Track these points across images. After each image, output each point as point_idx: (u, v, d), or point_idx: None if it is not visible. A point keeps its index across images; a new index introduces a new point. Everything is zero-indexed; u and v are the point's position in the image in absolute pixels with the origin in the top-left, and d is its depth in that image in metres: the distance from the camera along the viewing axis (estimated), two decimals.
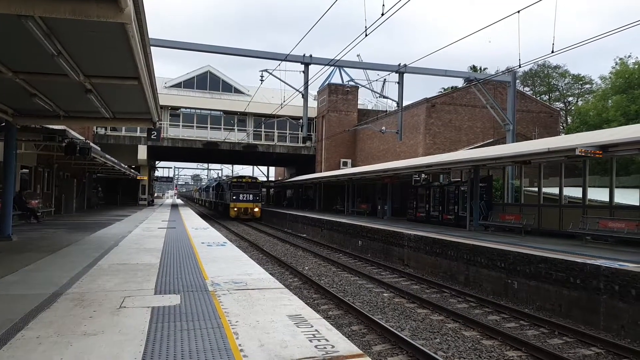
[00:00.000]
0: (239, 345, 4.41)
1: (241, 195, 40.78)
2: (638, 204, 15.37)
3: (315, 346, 4.41)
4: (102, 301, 5.99)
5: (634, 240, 13.20)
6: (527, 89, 58.67)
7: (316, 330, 4.93)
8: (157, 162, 64.83)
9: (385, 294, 12.03)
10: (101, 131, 38.97)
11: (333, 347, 4.40)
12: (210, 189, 65.13)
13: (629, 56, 42.19)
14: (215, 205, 56.09)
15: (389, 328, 8.56)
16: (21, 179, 20.57)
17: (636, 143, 12.26)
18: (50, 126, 15.06)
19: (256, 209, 41.43)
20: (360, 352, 4.41)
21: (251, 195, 41.10)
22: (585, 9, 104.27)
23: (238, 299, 6.29)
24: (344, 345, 4.49)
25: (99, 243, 12.44)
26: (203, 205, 78.29)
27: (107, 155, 25.12)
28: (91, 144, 19.36)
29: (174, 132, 43.53)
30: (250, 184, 41.89)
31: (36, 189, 22.52)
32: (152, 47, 8.01)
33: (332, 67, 33.65)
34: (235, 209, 40.54)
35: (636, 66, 36.55)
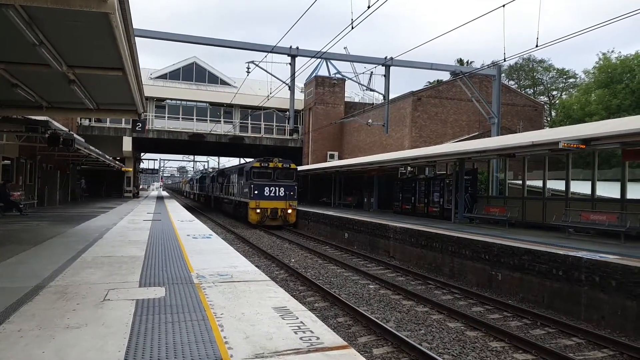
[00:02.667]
0: (224, 337, 4.41)
1: (268, 189, 27.02)
2: (619, 197, 15.61)
3: (301, 338, 4.43)
4: (86, 294, 5.94)
5: (615, 232, 13.43)
6: (512, 82, 59.15)
7: (301, 322, 4.95)
8: (142, 153, 64.26)
9: (371, 286, 12.10)
10: (85, 122, 38.50)
11: (318, 338, 4.42)
12: (207, 179, 50.99)
13: (612, 51, 42.71)
14: (216, 202, 41.98)
15: (375, 320, 8.62)
16: (3, 171, 20.27)
17: (617, 137, 12.43)
18: (33, 117, 14.83)
19: (290, 210, 27.55)
20: (345, 343, 4.44)
21: (283, 190, 27.20)
22: (562, 6, 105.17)
23: (223, 291, 6.28)
24: (329, 337, 4.51)
25: (82, 235, 12.31)
26: (196, 199, 65.40)
27: (92, 147, 24.84)
28: (75, 135, 19.12)
29: (159, 123, 43.14)
30: (283, 170, 27.80)
31: (18, 180, 22.19)
32: (137, 38, 7.92)
33: (319, 60, 33.56)
34: (259, 211, 26.66)
35: (618, 61, 37.03)
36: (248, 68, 30.33)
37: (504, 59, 19.15)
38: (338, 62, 38.03)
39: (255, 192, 26.66)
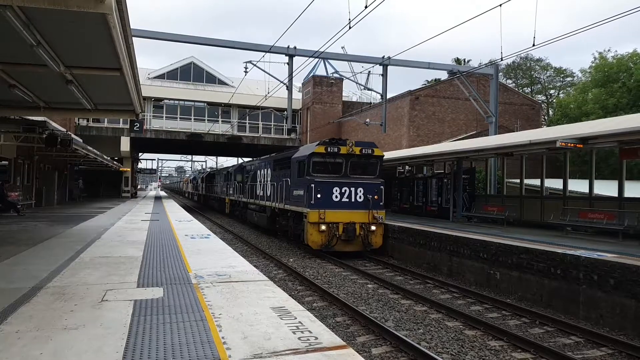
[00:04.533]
0: (222, 337, 4.41)
1: (338, 191, 16.42)
2: (617, 195, 15.65)
3: (299, 338, 4.43)
4: (84, 295, 5.94)
5: (613, 230, 13.46)
6: (509, 81, 59.23)
7: (300, 322, 4.95)
8: (140, 153, 64.15)
9: (369, 285, 12.10)
10: (83, 122, 38.41)
11: (316, 338, 4.43)
12: (219, 177, 39.33)
13: (608, 50, 42.78)
14: (235, 207, 31.09)
15: (373, 319, 8.63)
16: (0, 171, 20.23)
17: (615, 135, 12.47)
18: (31, 117, 14.79)
19: (374, 227, 16.68)
20: (344, 343, 4.44)
21: (363, 191, 16.65)
22: (557, 8, 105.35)
23: (221, 291, 6.28)
24: (327, 336, 4.52)
25: (80, 236, 12.30)
26: (202, 202, 53.28)
27: (89, 147, 24.79)
28: (72, 136, 19.07)
29: (157, 123, 43.09)
30: (361, 159, 16.97)
31: (16, 181, 22.14)
32: (134, 39, 7.91)
33: (317, 59, 33.57)
34: (324, 227, 16.08)
35: (614, 60, 37.10)
36: (246, 68, 30.29)
37: (501, 57, 19.19)
38: (336, 61, 38.10)
39: (318, 195, 15.79)
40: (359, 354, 5.13)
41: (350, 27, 16.16)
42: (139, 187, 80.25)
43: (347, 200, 16.27)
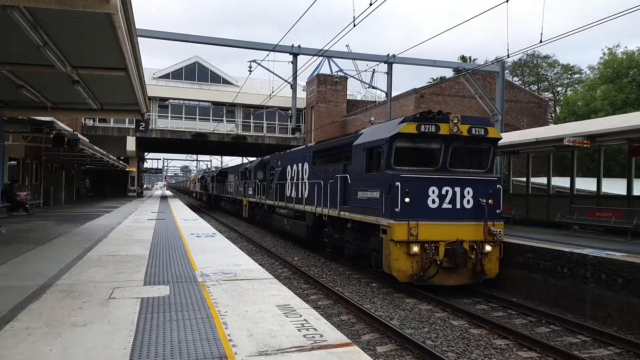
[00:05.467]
0: (228, 335, 4.45)
1: (436, 193, 10.80)
2: (625, 194, 15.56)
3: (304, 335, 4.46)
4: (92, 292, 6.00)
5: (621, 229, 13.38)
6: (516, 79, 58.93)
7: (305, 319, 4.98)
8: (146, 153, 64.42)
9: (373, 284, 12.11)
10: (89, 122, 38.58)
11: (322, 336, 4.45)
12: (233, 176, 33.64)
13: (617, 46, 42.50)
14: (257, 211, 25.83)
15: (378, 317, 8.64)
16: (9, 171, 20.39)
17: (623, 133, 12.38)
18: (38, 118, 14.93)
19: (489, 247, 10.90)
20: (349, 341, 4.47)
21: (472, 193, 11.03)
22: (565, 5, 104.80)
23: (227, 289, 6.32)
24: (332, 334, 4.54)
25: (88, 235, 12.39)
26: (211, 202, 47.74)
27: (96, 147, 24.94)
28: (79, 136, 19.21)
29: (162, 123, 43.23)
30: (470, 142, 11.33)
31: (24, 180, 22.32)
32: (139, 38, 7.96)
33: (321, 58, 33.58)
34: (416, 249, 10.50)
35: (624, 56, 36.85)
36: (250, 67, 30.37)
37: (508, 55, 19.05)
38: (340, 60, 38.08)
39: (406, 200, 10.63)
40: (364, 352, 5.16)
41: (354, 25, 16.16)
42: (144, 186, 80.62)
43: (450, 206, 10.78)
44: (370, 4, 14.17)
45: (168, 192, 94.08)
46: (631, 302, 8.60)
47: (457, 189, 10.92)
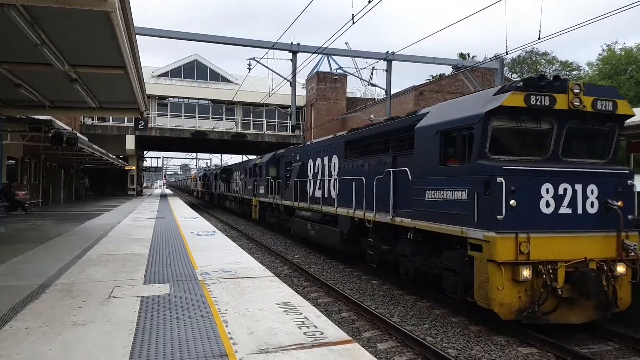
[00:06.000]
0: (229, 333, 4.44)
1: (552, 190, 7.65)
2: None
3: (304, 333, 4.46)
4: (91, 291, 5.99)
5: None
6: (515, 76, 58.91)
7: (305, 317, 4.98)
8: (145, 152, 64.42)
9: (374, 281, 12.11)
10: (88, 121, 38.57)
11: (322, 333, 4.45)
12: (243, 171, 29.35)
13: (616, 42, 42.49)
14: (276, 213, 21.52)
15: (378, 314, 8.64)
16: (8, 170, 20.37)
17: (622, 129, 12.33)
18: (36, 116, 14.91)
19: (621, 268, 7.79)
20: (350, 338, 4.47)
21: (595, 190, 7.86)
22: (562, 4, 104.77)
23: (227, 287, 6.32)
24: (332, 331, 4.54)
25: (87, 234, 12.38)
26: (217, 202, 42.87)
27: (95, 146, 24.93)
28: (78, 134, 19.19)
29: (162, 121, 43.23)
30: (592, 121, 8.07)
31: (23, 180, 22.30)
32: (138, 37, 7.94)
33: (321, 56, 33.55)
34: (527, 275, 7.31)
35: (623, 52, 36.85)
36: (249, 65, 30.37)
37: (507, 52, 19.06)
38: (339, 57, 38.06)
39: (512, 202, 7.41)
40: (365, 349, 5.16)
41: (353, 23, 16.15)
42: (144, 185, 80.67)
43: (569, 211, 7.83)
44: (369, 1, 14.15)
45: (168, 191, 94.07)
46: None
47: (578, 187, 7.83)
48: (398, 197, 10.19)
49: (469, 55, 60.52)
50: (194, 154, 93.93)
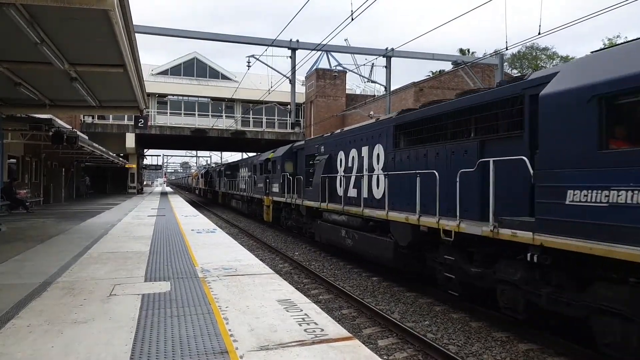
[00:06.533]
0: (229, 330, 4.47)
1: None
2: None
3: (305, 330, 4.47)
4: (92, 289, 6.01)
5: None
6: (515, 71, 58.82)
7: (306, 314, 5.00)
8: (145, 150, 64.41)
9: (374, 278, 12.14)
10: (88, 120, 38.57)
11: (322, 330, 4.47)
12: (253, 167, 26.24)
13: (618, 36, 42.40)
14: (294, 215, 18.46)
15: (379, 311, 8.67)
16: (9, 169, 20.40)
17: None
18: (37, 115, 14.93)
19: None
20: (350, 334, 4.48)
21: None
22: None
23: (228, 284, 6.34)
24: (333, 328, 4.56)
25: (88, 232, 12.40)
26: (220, 201, 41.40)
27: (95, 144, 24.94)
28: (78, 133, 19.20)
29: (161, 119, 43.23)
30: None
31: (24, 178, 22.33)
32: (137, 35, 7.94)
33: (320, 53, 33.50)
34: None
35: None
36: (249, 62, 30.36)
37: (506, 47, 19.03)
38: (339, 54, 37.98)
39: None
40: (365, 345, 5.18)
41: (352, 19, 16.14)
42: (144, 183, 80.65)
43: None
44: None
45: (168, 189, 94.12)
46: None
47: None
48: (501, 198, 7.26)
49: (468, 51, 60.42)
50: (194, 152, 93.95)
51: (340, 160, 13.99)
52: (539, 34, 15.56)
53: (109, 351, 3.94)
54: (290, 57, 28.86)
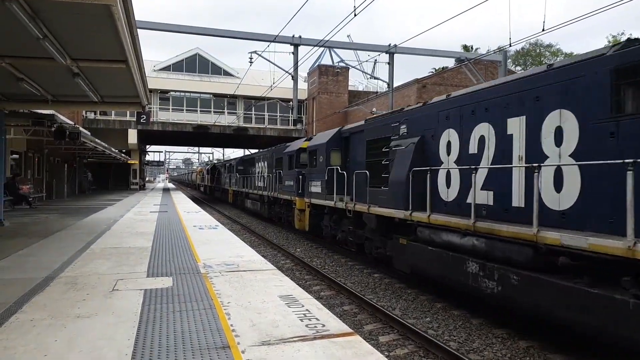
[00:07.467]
0: (231, 325, 4.48)
1: None
2: None
3: (306, 325, 4.49)
4: (95, 284, 6.04)
5: None
6: (518, 68, 58.67)
7: (307, 310, 5.01)
8: (147, 146, 64.45)
9: (375, 275, 12.15)
10: (91, 115, 38.59)
11: (324, 326, 4.48)
12: (275, 161, 22.94)
13: (622, 33, 42.21)
14: (350, 228, 13.04)
15: (380, 307, 8.68)
16: (11, 165, 20.46)
17: None
18: (39, 111, 14.94)
19: None
20: (351, 330, 4.50)
21: None
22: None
23: (230, 280, 6.36)
24: (334, 324, 4.57)
25: (91, 227, 12.44)
26: (231, 201, 36.52)
27: (97, 140, 24.97)
28: (80, 129, 19.22)
29: (164, 115, 43.23)
30: None
31: (27, 174, 22.38)
32: (139, 30, 7.94)
33: (322, 49, 33.44)
34: None
35: None
36: (251, 58, 30.34)
37: (510, 44, 18.94)
38: (341, 50, 37.90)
39: None
40: (367, 341, 5.19)
41: (355, 15, 16.09)
42: (147, 179, 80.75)
43: None
44: None
45: (170, 185, 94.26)
46: None
47: None
48: None
49: (472, 47, 60.23)
50: (196, 148, 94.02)
51: (449, 143, 9.18)
52: (543, 30, 15.49)
53: (112, 345, 3.96)
54: (293, 53, 28.84)
